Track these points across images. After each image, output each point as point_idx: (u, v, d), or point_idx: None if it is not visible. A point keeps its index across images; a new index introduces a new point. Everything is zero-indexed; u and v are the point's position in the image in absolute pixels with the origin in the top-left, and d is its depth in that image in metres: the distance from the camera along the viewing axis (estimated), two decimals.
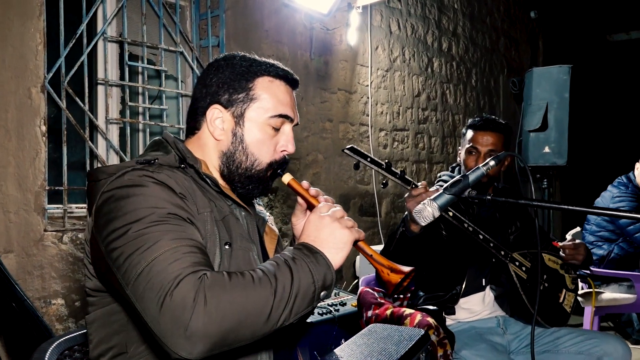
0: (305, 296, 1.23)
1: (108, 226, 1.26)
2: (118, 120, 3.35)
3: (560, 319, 2.65)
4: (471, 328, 2.60)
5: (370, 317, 2.65)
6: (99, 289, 1.39)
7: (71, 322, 3.01)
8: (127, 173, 1.34)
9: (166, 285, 1.12)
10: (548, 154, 5.21)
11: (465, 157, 2.70)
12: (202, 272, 1.16)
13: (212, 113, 1.52)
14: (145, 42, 3.42)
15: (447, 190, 1.46)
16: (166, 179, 1.34)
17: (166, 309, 1.10)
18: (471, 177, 1.47)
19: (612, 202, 4.23)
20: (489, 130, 2.68)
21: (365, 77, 4.91)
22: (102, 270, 1.33)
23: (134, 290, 1.17)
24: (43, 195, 2.92)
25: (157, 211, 1.25)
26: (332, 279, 1.29)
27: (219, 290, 1.14)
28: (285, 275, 1.22)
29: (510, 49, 7.28)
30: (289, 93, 1.58)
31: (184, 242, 1.22)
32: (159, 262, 1.16)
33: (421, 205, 1.47)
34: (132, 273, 1.17)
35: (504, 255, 2.52)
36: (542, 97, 5.29)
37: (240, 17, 3.89)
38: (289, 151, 1.57)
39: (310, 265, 1.26)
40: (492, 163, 1.51)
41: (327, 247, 1.32)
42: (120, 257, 1.20)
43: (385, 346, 1.73)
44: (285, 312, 1.20)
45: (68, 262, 2.99)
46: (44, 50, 2.93)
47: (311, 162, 4.36)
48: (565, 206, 1.41)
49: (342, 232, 1.34)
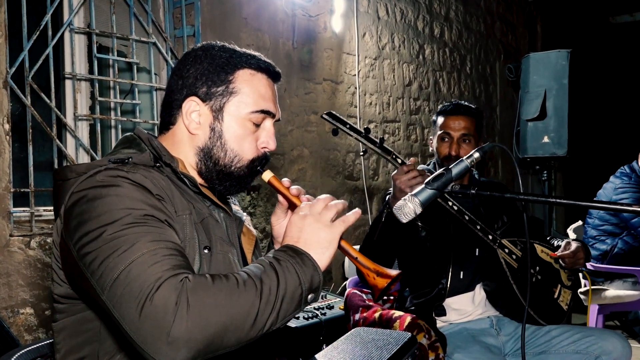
0: (293, 299, 1.24)
1: (80, 229, 1.25)
2: (88, 117, 3.34)
3: (556, 316, 2.66)
4: (463, 330, 2.61)
5: (358, 320, 2.67)
6: (69, 295, 1.38)
7: (41, 333, 3.01)
8: (99, 172, 1.33)
9: (146, 289, 1.11)
10: (547, 144, 5.23)
11: (438, 144, 2.74)
12: (183, 274, 1.16)
13: (188, 105, 1.52)
14: (115, 33, 3.40)
15: (429, 185, 1.47)
16: (142, 179, 1.34)
17: (147, 314, 1.10)
18: (454, 171, 1.48)
19: (614, 193, 4.25)
20: (460, 115, 2.72)
21: (353, 66, 4.91)
22: (74, 275, 1.32)
23: (110, 296, 1.16)
24: (8, 198, 2.91)
25: (133, 212, 1.25)
26: (320, 280, 1.29)
27: (202, 293, 1.14)
28: (271, 277, 1.22)
29: (506, 33, 7.31)
30: (270, 87, 1.59)
31: (163, 244, 1.22)
32: (137, 266, 1.15)
33: (402, 201, 1.48)
34: (108, 278, 1.16)
35: (492, 239, 2.53)
36: (540, 84, 5.31)
37: (216, 4, 3.88)
38: (269, 148, 1.58)
39: (297, 266, 1.26)
40: (476, 155, 1.52)
41: (312, 248, 1.32)
42: (94, 261, 1.19)
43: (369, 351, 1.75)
44: (272, 316, 1.20)
45: (36, 268, 2.98)
46: (5, 44, 2.91)
47: (296, 158, 4.37)
48: (556, 200, 1.42)
49: (326, 231, 1.35)
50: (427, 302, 2.63)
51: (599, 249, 4.29)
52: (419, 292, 2.67)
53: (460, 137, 2.69)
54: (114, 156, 1.43)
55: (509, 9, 7.38)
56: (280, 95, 4.21)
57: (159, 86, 3.70)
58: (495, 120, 7.00)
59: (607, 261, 4.23)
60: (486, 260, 2.62)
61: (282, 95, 4.27)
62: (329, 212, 1.38)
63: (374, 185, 5.05)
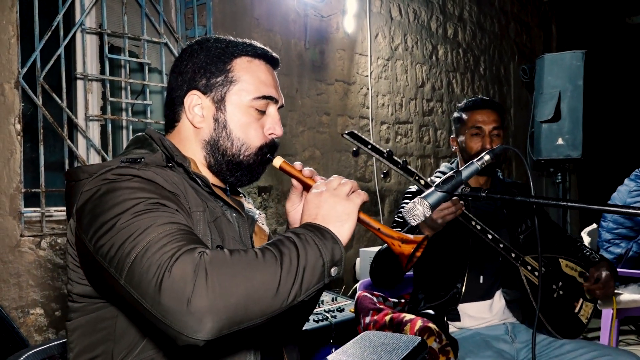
0: (315, 270, 1.22)
1: (94, 223, 1.25)
2: (99, 117, 3.36)
3: (574, 330, 2.62)
4: (476, 334, 2.58)
5: (369, 323, 2.65)
6: (87, 294, 1.38)
7: (51, 333, 3.02)
8: (110, 171, 1.34)
9: (163, 264, 1.11)
10: (562, 146, 5.19)
11: (468, 140, 2.70)
12: (200, 249, 1.16)
13: (190, 100, 1.52)
14: (127, 33, 3.41)
15: (439, 188, 1.46)
16: (153, 176, 1.34)
17: (165, 287, 1.09)
18: (464, 173, 1.47)
19: (629, 196, 4.21)
20: (489, 108, 2.71)
21: (365, 67, 4.90)
22: (91, 271, 1.33)
23: (129, 278, 1.16)
24: (19, 198, 2.92)
25: (145, 201, 1.25)
26: (342, 253, 1.28)
27: (221, 264, 1.13)
28: (290, 249, 1.21)
29: (521, 34, 7.26)
30: (270, 72, 1.58)
31: (177, 226, 1.22)
32: (153, 245, 1.15)
33: (411, 204, 1.46)
34: (125, 262, 1.16)
35: (514, 258, 2.50)
36: (555, 85, 5.27)
37: (228, 4, 3.89)
38: (277, 134, 1.57)
39: (316, 239, 1.25)
40: (486, 157, 1.50)
41: (331, 222, 1.32)
42: (111, 249, 1.20)
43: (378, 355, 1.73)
44: (295, 286, 1.18)
45: (47, 269, 3.00)
46: (17, 44, 2.93)
47: (307, 159, 4.36)
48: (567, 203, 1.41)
49: (344, 204, 1.34)
50: (440, 305, 2.60)
51: (614, 253, 4.25)
52: (433, 295, 2.65)
53: (491, 130, 2.67)
54: (125, 156, 1.44)
55: (523, 9, 7.33)
56: (292, 96, 4.24)
57: None
58: (509, 121, 6.96)
59: (622, 265, 4.18)
60: (508, 266, 2.59)
61: (294, 95, 4.27)
62: (344, 187, 1.38)
63: (385, 187, 5.03)
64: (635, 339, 4.95)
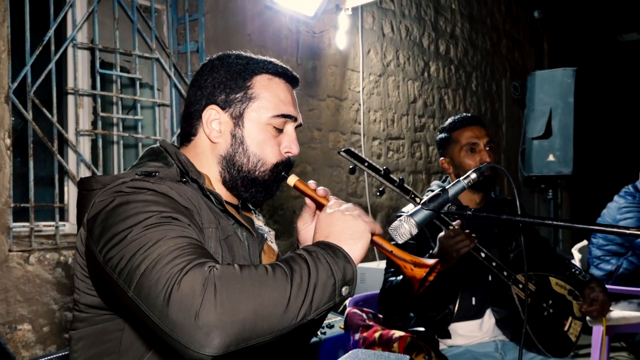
0: (325, 289, 1.21)
1: (105, 234, 1.25)
2: (89, 132, 3.36)
3: (564, 348, 2.62)
4: (467, 352, 2.58)
5: (358, 340, 2.64)
6: (95, 305, 1.38)
7: (39, 349, 2.99)
8: (125, 183, 1.34)
9: (173, 277, 1.11)
10: (553, 162, 5.21)
11: (464, 157, 2.69)
12: (210, 263, 1.15)
13: (208, 114, 1.53)
14: (119, 48, 3.42)
15: (425, 206, 1.46)
16: (168, 190, 1.35)
17: (174, 300, 1.09)
18: (451, 192, 1.47)
19: (618, 213, 4.22)
20: (479, 124, 2.74)
21: (357, 83, 4.92)
22: (101, 282, 1.32)
23: (137, 290, 1.15)
24: (8, 213, 2.91)
25: (158, 214, 1.25)
26: (353, 272, 1.27)
27: (230, 279, 1.12)
28: (302, 266, 1.20)
29: (513, 51, 7.32)
30: (289, 91, 1.59)
31: (188, 240, 1.21)
32: (163, 258, 1.15)
33: (397, 222, 1.46)
34: (135, 274, 1.16)
35: (506, 276, 2.50)
36: (546, 102, 5.30)
37: (220, 20, 3.91)
38: (293, 153, 1.57)
39: (328, 257, 1.24)
40: (473, 176, 1.51)
41: (344, 241, 1.31)
42: (120, 261, 1.19)
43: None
44: (305, 304, 1.17)
45: (35, 284, 2.98)
46: (8, 59, 2.93)
47: (299, 174, 4.30)
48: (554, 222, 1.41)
49: (356, 222, 1.34)
50: (431, 325, 2.60)
51: (604, 269, 4.26)
52: (424, 315, 2.64)
53: (486, 144, 2.69)
54: (140, 169, 1.44)
55: (515, 26, 7.39)
56: None
57: (162, 102, 3.72)
58: (501, 137, 6.99)
59: (612, 281, 4.19)
60: (498, 285, 2.59)
61: None
62: (356, 209, 1.38)
63: (377, 202, 5.03)
64: (626, 355, 4.95)
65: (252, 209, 1.74)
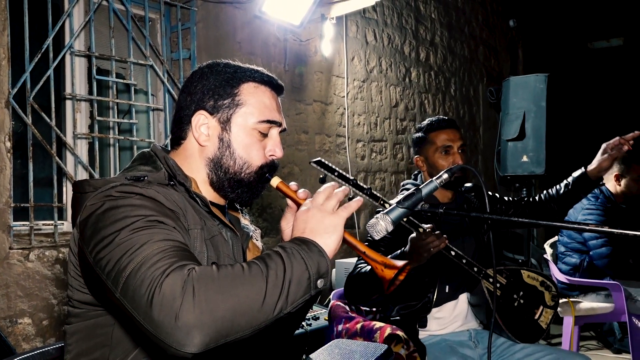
0: (300, 283, 1.22)
1: (95, 236, 1.27)
2: (87, 136, 3.36)
3: (533, 334, 2.65)
4: (442, 341, 2.61)
5: (341, 331, 2.67)
6: (88, 301, 1.39)
7: (38, 342, 3.00)
8: (114, 187, 1.35)
9: (155, 279, 1.12)
10: (526, 162, 5.26)
11: (438, 158, 2.70)
12: (190, 266, 1.17)
13: (197, 119, 1.54)
14: (114, 55, 3.43)
15: (400, 204, 1.48)
16: (155, 194, 1.36)
17: (156, 302, 1.10)
18: (424, 191, 1.49)
19: (581, 213, 4.23)
20: (454, 127, 2.75)
21: (342, 88, 4.95)
22: (91, 280, 1.34)
23: (124, 292, 1.17)
24: (8, 212, 2.91)
25: (144, 218, 1.27)
26: (327, 265, 1.28)
27: (207, 280, 1.14)
28: (277, 262, 1.21)
29: (489, 57, 7.37)
30: (274, 98, 1.60)
31: (171, 242, 1.23)
32: (147, 261, 1.16)
33: (374, 219, 1.49)
34: (121, 276, 1.17)
35: (477, 272, 2.53)
36: (520, 106, 5.35)
37: (211, 29, 3.92)
38: (277, 156, 1.58)
39: (302, 252, 1.25)
40: (445, 176, 1.53)
41: (318, 235, 1.32)
42: (108, 263, 1.21)
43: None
44: (281, 299, 1.18)
45: (35, 280, 2.98)
46: (8, 65, 2.93)
47: (287, 175, 4.38)
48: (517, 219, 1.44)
49: (330, 218, 1.35)
50: (412, 313, 2.62)
51: (569, 263, 4.29)
52: (405, 304, 2.66)
53: (459, 147, 2.71)
54: (130, 173, 1.46)
55: (492, 34, 7.45)
56: None
57: (156, 107, 3.72)
58: (478, 139, 7.04)
59: (580, 274, 4.23)
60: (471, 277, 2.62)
61: None
62: (331, 202, 1.38)
63: None
64: (595, 344, 5.01)
65: (239, 208, 1.76)
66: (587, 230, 1.46)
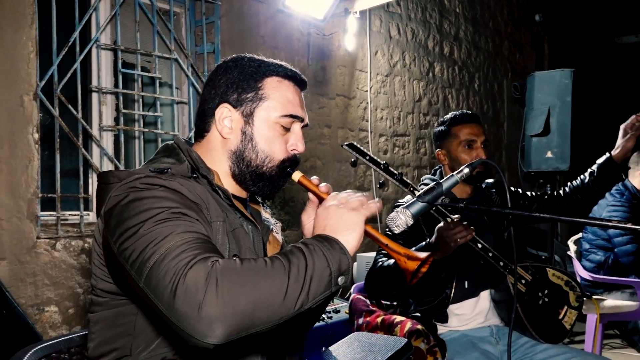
0: (322, 279, 1.23)
1: (119, 227, 1.28)
2: (112, 128, 3.39)
3: (557, 335, 2.61)
4: (463, 336, 2.58)
5: (362, 324, 2.66)
6: (111, 290, 1.41)
7: (65, 329, 3.04)
8: (139, 179, 1.36)
9: (179, 271, 1.13)
10: (550, 158, 5.17)
11: (461, 152, 2.67)
12: (213, 258, 1.17)
13: (220, 112, 1.54)
14: (139, 49, 3.45)
15: (421, 198, 1.47)
16: (178, 186, 1.37)
17: (179, 293, 1.11)
18: (445, 185, 1.48)
19: (606, 210, 4.17)
20: (478, 122, 2.72)
21: (365, 83, 4.93)
22: (115, 270, 1.35)
23: (147, 282, 1.18)
24: (36, 203, 2.96)
25: (168, 210, 1.27)
26: (348, 262, 1.28)
27: (231, 273, 1.14)
28: (299, 258, 1.22)
29: (514, 52, 7.28)
30: (297, 93, 1.60)
31: (195, 234, 1.24)
32: (171, 252, 1.17)
33: (394, 213, 1.48)
34: (145, 266, 1.18)
35: (502, 266, 2.50)
36: (544, 101, 5.26)
37: (235, 23, 3.93)
38: (299, 150, 1.58)
39: (324, 250, 1.25)
40: (466, 170, 1.52)
41: (339, 232, 1.32)
42: (132, 254, 1.22)
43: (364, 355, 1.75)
44: (302, 295, 1.19)
45: (61, 269, 3.02)
46: (36, 59, 2.97)
47: (309, 169, 4.38)
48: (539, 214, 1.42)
49: (351, 215, 1.35)
50: (429, 309, 2.60)
51: (594, 261, 4.23)
52: (422, 301, 2.64)
53: (482, 142, 2.68)
54: (153, 165, 1.46)
55: (517, 29, 7.35)
56: None
57: (180, 100, 3.75)
58: (502, 135, 6.97)
59: (604, 272, 4.17)
60: (490, 268, 2.58)
61: None
62: (352, 200, 1.39)
63: (383, 196, 5.04)
64: (619, 342, 4.94)
65: (260, 201, 1.76)
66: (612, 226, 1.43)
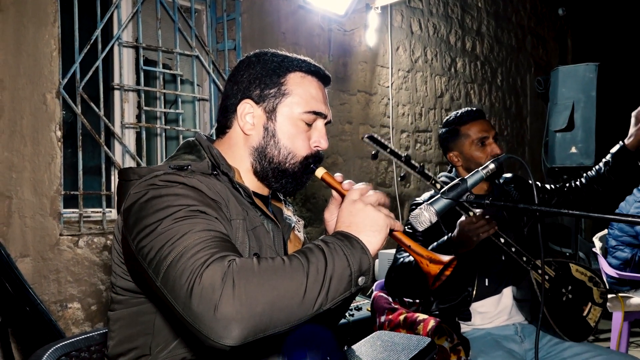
0: (341, 280, 1.19)
1: (138, 224, 1.26)
2: (134, 125, 3.38)
3: (582, 333, 2.54)
4: (487, 334, 2.52)
5: (384, 322, 2.62)
6: (130, 288, 1.39)
7: (87, 326, 3.04)
8: (158, 176, 1.34)
9: (195, 270, 1.10)
10: (575, 154, 5.09)
11: (475, 151, 2.60)
12: (230, 257, 1.14)
13: (242, 108, 1.51)
14: (161, 46, 3.44)
15: (445, 195, 1.42)
16: (197, 184, 1.34)
17: (195, 293, 1.08)
18: (470, 181, 1.43)
19: (633, 206, 4.07)
20: (483, 118, 2.66)
21: (386, 79, 4.87)
22: (134, 268, 1.33)
23: (164, 280, 1.15)
24: (59, 200, 2.96)
25: (187, 208, 1.25)
26: (369, 263, 1.24)
27: (248, 273, 1.11)
28: (318, 258, 1.18)
29: (537, 47, 7.16)
30: (321, 89, 1.56)
31: (213, 233, 1.21)
32: (188, 251, 1.14)
33: (418, 210, 1.43)
34: (162, 265, 1.16)
35: (525, 262, 2.44)
36: (568, 96, 5.17)
37: (256, 19, 3.90)
38: (322, 147, 1.55)
39: (345, 249, 1.21)
40: (491, 166, 1.47)
41: (363, 232, 1.28)
42: (150, 251, 1.20)
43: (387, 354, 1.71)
44: (321, 294, 1.15)
45: (84, 266, 3.02)
46: (58, 56, 2.96)
47: (330, 165, 4.34)
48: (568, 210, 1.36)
49: (376, 215, 1.30)
50: (452, 307, 2.55)
51: (620, 258, 4.13)
52: (445, 299, 2.59)
53: (494, 136, 2.62)
54: (174, 162, 1.44)
55: (540, 24, 7.23)
56: None
57: (202, 97, 3.73)
58: (525, 130, 6.86)
59: (630, 269, 4.07)
60: (512, 265, 2.52)
61: None
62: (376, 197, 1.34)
63: (405, 192, 4.98)
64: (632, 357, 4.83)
65: (282, 199, 1.72)
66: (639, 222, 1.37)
